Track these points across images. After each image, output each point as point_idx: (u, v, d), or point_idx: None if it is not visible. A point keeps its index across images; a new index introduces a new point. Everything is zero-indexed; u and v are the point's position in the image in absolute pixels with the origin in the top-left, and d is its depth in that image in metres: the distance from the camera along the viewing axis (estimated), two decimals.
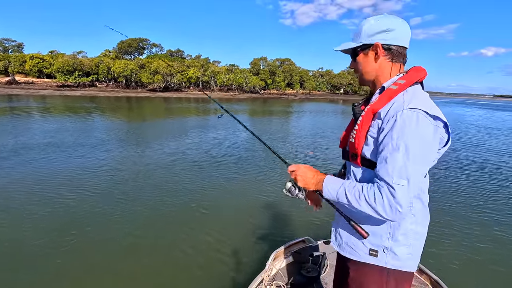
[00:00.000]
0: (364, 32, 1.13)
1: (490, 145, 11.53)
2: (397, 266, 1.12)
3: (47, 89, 42.66)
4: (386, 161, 0.99)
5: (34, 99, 26.83)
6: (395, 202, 0.96)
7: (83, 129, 11.56)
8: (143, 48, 66.27)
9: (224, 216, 4.38)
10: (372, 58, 1.14)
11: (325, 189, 1.12)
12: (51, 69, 47.26)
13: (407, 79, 1.07)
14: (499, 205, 5.11)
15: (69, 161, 6.82)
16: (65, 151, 7.69)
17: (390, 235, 1.11)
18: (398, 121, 0.98)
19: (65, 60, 46.57)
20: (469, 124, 20.01)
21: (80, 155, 7.43)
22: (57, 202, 4.56)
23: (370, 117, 1.08)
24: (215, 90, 57.78)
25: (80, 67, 48.19)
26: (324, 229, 3.87)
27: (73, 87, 46.60)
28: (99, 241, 3.54)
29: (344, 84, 76.86)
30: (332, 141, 10.90)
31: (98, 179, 5.64)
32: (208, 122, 16.04)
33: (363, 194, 1.02)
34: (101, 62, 50.16)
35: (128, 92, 45.47)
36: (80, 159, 7.06)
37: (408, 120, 0.97)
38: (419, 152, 0.97)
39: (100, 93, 41.29)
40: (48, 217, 4.07)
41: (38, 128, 11.17)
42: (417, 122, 0.96)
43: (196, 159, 7.52)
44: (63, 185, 5.24)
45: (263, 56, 68.16)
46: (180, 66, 52.73)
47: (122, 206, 4.47)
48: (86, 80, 49.06)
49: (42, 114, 16.22)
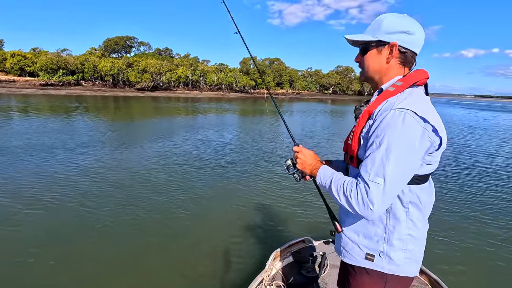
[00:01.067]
0: (383, 27, 1.06)
1: (489, 145, 11.71)
2: (393, 271, 1.11)
3: (29, 87, 41.15)
4: (367, 158, 1.00)
5: (15, 98, 25.82)
6: (368, 199, 0.95)
7: (65, 130, 11.06)
8: (131, 46, 64.99)
9: (224, 216, 4.35)
10: (385, 57, 1.09)
11: (318, 177, 1.16)
12: (34, 67, 45.67)
13: (404, 81, 1.06)
14: (499, 205, 5.13)
15: (42, 166, 6.35)
16: (39, 154, 7.20)
17: (385, 240, 1.10)
18: (384, 120, 0.97)
19: (48, 58, 45.10)
20: (461, 124, 20.61)
21: (57, 158, 6.95)
22: (23, 215, 4.01)
23: (366, 118, 1.08)
24: (205, 89, 57.32)
25: (65, 65, 46.77)
26: (324, 229, 3.89)
27: (57, 86, 45.16)
28: (89, 256, 3.35)
29: (332, 84, 77.79)
30: (321, 141, 11.02)
31: (70, 186, 5.17)
32: (202, 121, 15.91)
33: (342, 187, 1.03)
34: (86, 61, 48.85)
35: (115, 92, 44.47)
36: (57, 162, 6.60)
37: (394, 120, 0.95)
38: (401, 153, 0.94)
39: (86, 92, 40.22)
40: (13, 234, 3.56)
41: (17, 129, 10.57)
42: (403, 123, 0.94)
43: (195, 158, 7.45)
44: (32, 193, 4.71)
45: (253, 55, 67.96)
46: (169, 65, 52.02)
47: (119, 210, 4.38)
48: (71, 78, 47.66)
49: (23, 114, 15.40)
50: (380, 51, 1.09)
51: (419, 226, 1.11)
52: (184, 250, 3.42)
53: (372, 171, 0.96)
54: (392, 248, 1.10)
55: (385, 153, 0.95)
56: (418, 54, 1.12)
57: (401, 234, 1.09)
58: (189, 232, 3.84)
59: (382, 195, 0.95)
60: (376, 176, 0.95)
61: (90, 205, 4.47)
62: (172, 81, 52.71)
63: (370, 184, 0.96)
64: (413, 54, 1.09)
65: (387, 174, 0.94)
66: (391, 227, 1.09)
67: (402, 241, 1.09)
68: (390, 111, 0.97)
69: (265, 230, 3.96)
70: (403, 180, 0.99)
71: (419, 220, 1.10)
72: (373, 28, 1.10)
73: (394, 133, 0.94)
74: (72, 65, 47.56)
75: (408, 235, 1.09)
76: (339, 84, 78.92)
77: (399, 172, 0.95)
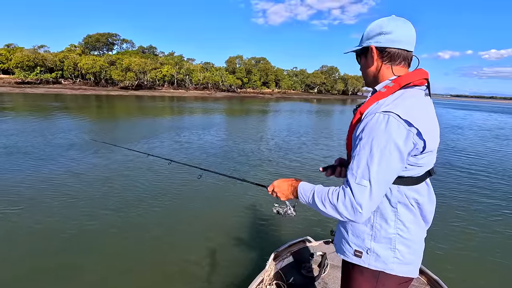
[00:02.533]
0: (365, 35, 1.15)
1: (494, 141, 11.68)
2: (382, 268, 1.13)
3: (4, 86, 39.11)
4: (353, 161, 1.01)
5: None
6: (356, 202, 0.97)
7: (43, 131, 10.41)
8: (113, 43, 63.04)
9: (224, 216, 4.33)
10: (370, 60, 1.15)
11: (299, 195, 1.15)
12: (8, 64, 43.49)
13: (396, 82, 1.06)
14: (499, 205, 5.11)
15: (11, 170, 5.81)
16: (9, 158, 6.75)
17: (372, 237, 1.13)
18: (369, 123, 0.99)
19: (24, 55, 43.02)
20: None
21: (30, 163, 6.50)
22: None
23: (357, 118, 1.10)
24: (191, 88, 56.60)
25: (43, 62, 44.83)
26: (325, 229, 3.92)
27: (34, 84, 43.21)
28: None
29: (318, 84, 78.93)
30: (302, 143, 11.16)
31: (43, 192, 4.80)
32: (189, 121, 15.68)
33: (327, 197, 1.04)
34: (66, 58, 46.99)
35: (97, 90, 43.05)
36: (31, 167, 6.17)
37: (378, 123, 0.97)
38: (384, 155, 0.95)
39: (66, 91, 38.69)
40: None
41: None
42: (386, 125, 0.95)
43: (192, 159, 7.33)
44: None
45: (239, 54, 67.88)
46: (153, 63, 50.96)
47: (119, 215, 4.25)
48: (50, 76, 45.75)
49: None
50: (366, 57, 1.17)
51: (410, 228, 1.10)
52: (184, 250, 3.39)
53: (358, 174, 0.98)
54: (379, 245, 1.12)
55: (369, 156, 0.97)
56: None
57: (388, 233, 1.10)
58: (189, 233, 3.81)
59: (369, 197, 0.97)
60: (362, 178, 0.97)
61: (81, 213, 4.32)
62: (157, 79, 51.69)
63: (356, 187, 0.97)
64: (399, 50, 1.09)
65: (372, 176, 0.96)
66: (378, 225, 1.11)
67: (389, 239, 1.11)
68: (375, 114, 0.99)
69: (265, 230, 3.97)
70: (388, 182, 1.01)
71: (410, 221, 1.10)
72: (361, 38, 1.19)
73: (377, 135, 0.96)
74: (51, 62, 45.63)
75: (397, 235, 1.10)
76: (324, 83, 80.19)
77: (383, 174, 0.97)
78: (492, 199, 5.47)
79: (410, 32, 1.09)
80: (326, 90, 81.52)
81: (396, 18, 1.10)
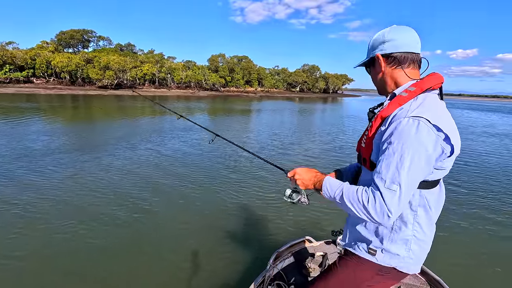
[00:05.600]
0: (369, 47, 1.23)
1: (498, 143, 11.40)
2: (393, 265, 1.18)
3: None
4: (382, 165, 1.02)
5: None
6: (386, 207, 0.98)
7: (13, 134, 9.71)
8: (88, 40, 60.42)
9: (224, 216, 4.31)
10: (379, 69, 1.20)
11: (324, 188, 1.17)
12: None
13: (418, 86, 1.08)
14: (499, 204, 5.12)
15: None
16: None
17: (389, 239, 1.16)
18: (399, 127, 1.00)
19: None
20: None
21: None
22: None
23: (378, 123, 1.12)
24: (173, 87, 55.39)
25: (12, 60, 42.16)
26: (326, 229, 3.95)
27: (3, 83, 40.59)
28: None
29: (299, 82, 79.78)
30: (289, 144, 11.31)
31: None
32: (177, 121, 15.37)
33: (357, 197, 1.04)
34: (38, 55, 44.42)
35: (74, 90, 41.11)
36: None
37: (408, 128, 0.98)
38: (415, 160, 0.97)
39: (39, 91, 36.68)
40: None
41: None
42: (416, 130, 0.97)
43: (193, 159, 7.17)
44: None
45: (221, 53, 67.22)
46: (133, 61, 49.33)
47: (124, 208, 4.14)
48: (20, 75, 43.11)
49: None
50: (374, 66, 1.23)
51: (424, 229, 1.15)
52: (184, 250, 3.38)
53: (388, 179, 0.98)
54: (395, 246, 1.16)
55: (400, 161, 0.97)
56: (359, 55, 1.26)
57: (405, 235, 1.14)
58: (189, 233, 3.79)
59: (399, 202, 0.98)
60: (392, 183, 0.98)
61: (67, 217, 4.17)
62: (138, 78, 50.12)
63: (386, 191, 0.98)
64: (404, 54, 1.14)
65: (402, 181, 0.97)
66: (397, 227, 1.14)
67: (406, 241, 1.15)
68: (404, 118, 1.00)
69: (266, 230, 3.98)
70: (415, 187, 1.04)
71: (425, 223, 1.15)
72: (367, 50, 1.26)
73: (408, 140, 0.97)
74: (21, 60, 42.98)
75: (413, 237, 1.14)
76: (306, 82, 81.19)
77: (412, 179, 0.99)
78: (495, 199, 5.44)
79: (412, 35, 1.14)
80: (308, 89, 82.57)
81: (396, 27, 1.16)
